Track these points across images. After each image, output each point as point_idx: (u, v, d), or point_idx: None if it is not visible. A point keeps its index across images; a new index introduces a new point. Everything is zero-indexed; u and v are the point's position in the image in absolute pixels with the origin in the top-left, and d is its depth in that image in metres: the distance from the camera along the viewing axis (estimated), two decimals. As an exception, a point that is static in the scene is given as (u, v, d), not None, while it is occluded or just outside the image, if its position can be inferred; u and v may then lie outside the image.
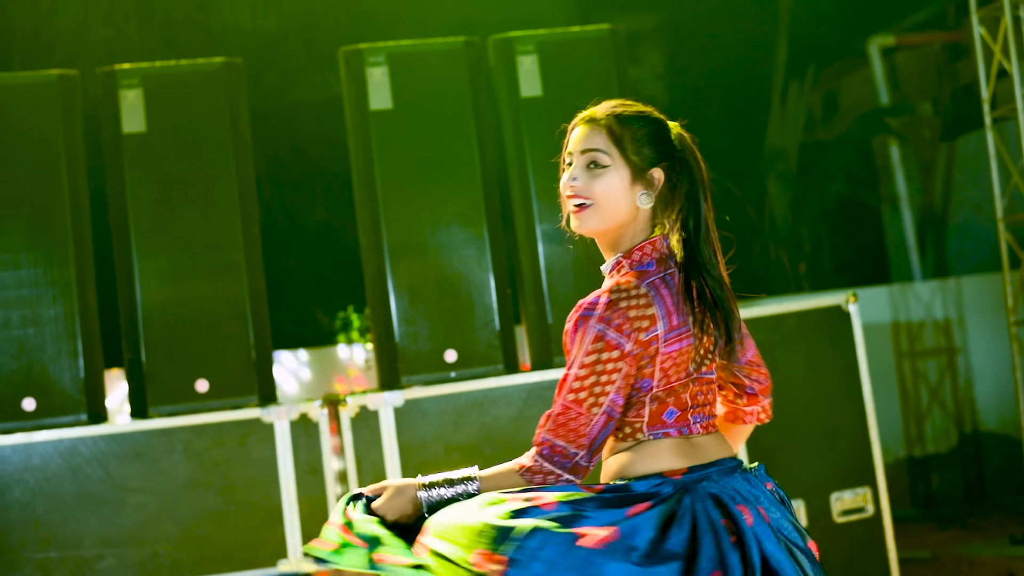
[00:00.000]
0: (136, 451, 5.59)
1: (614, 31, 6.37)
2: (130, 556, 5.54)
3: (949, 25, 11.74)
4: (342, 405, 5.79)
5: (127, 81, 5.90)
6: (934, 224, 11.77)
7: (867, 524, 6.23)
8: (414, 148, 6.06)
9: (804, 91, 11.69)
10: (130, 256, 5.82)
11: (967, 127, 11.39)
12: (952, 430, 9.20)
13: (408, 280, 5.98)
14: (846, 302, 6.33)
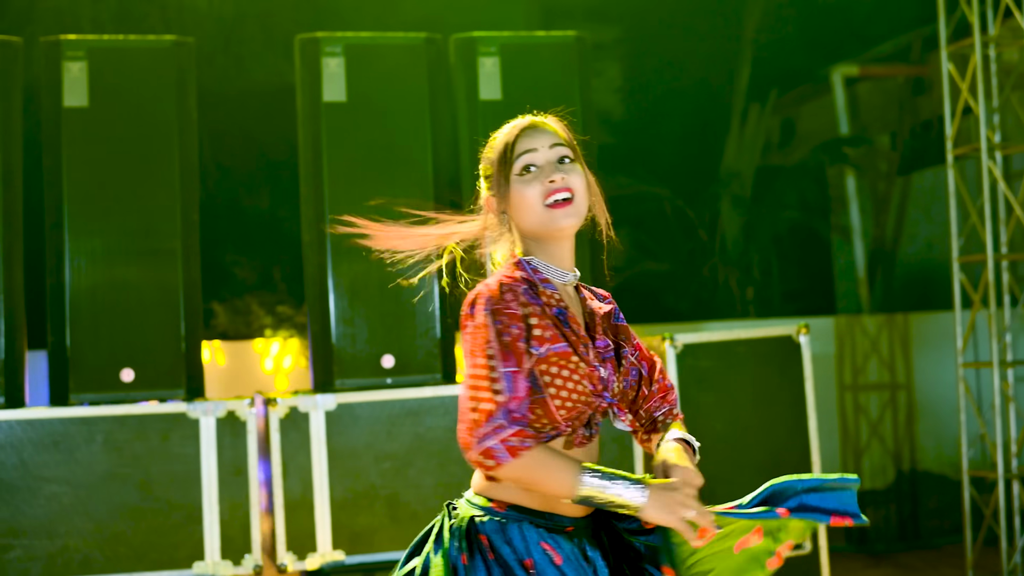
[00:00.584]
0: (54, 439, 5.37)
1: (580, 39, 6.23)
2: (39, 548, 5.32)
3: (914, 60, 11.70)
4: (272, 405, 5.59)
5: (72, 53, 5.69)
6: (884, 258, 11.72)
7: (804, 561, 6.10)
8: (366, 144, 5.89)
9: (764, 115, 11.61)
10: (62, 235, 5.61)
11: (924, 163, 11.34)
12: (890, 467, 9.12)
13: (350, 280, 5.80)
14: (797, 332, 6.21)
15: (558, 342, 2.69)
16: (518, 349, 2.64)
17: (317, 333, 5.85)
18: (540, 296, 2.73)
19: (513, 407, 2.60)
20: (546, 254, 2.81)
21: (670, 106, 12.91)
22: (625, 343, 2.88)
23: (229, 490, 5.53)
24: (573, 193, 2.75)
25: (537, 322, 2.68)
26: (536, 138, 2.81)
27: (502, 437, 2.57)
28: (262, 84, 11.45)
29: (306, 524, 5.57)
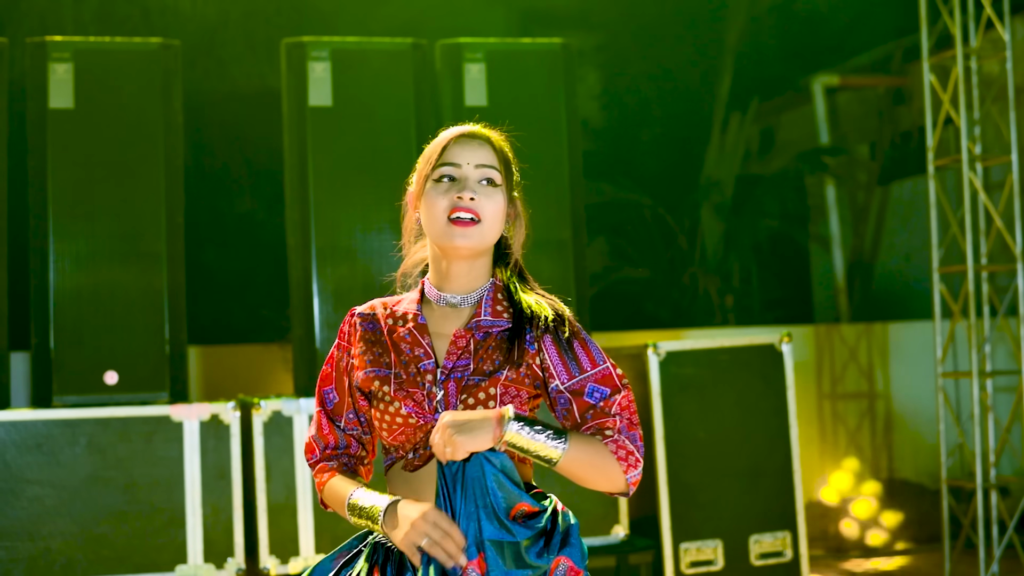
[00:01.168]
0: (37, 441, 5.36)
1: (566, 46, 6.25)
2: (21, 550, 5.31)
3: (894, 70, 11.75)
4: (255, 409, 5.59)
5: (58, 54, 5.68)
6: (862, 268, 11.76)
7: (784, 569, 6.13)
8: (351, 149, 5.90)
9: (745, 124, 11.63)
10: (46, 236, 5.60)
11: (903, 173, 11.39)
12: (867, 476, 9.15)
13: (334, 283, 5.81)
14: (780, 341, 6.23)
15: (365, 367, 2.71)
16: (341, 382, 2.79)
17: (300, 337, 5.86)
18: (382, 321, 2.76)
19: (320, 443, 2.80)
20: (442, 273, 2.75)
21: (650, 114, 12.92)
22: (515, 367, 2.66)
23: (212, 493, 5.53)
24: (480, 217, 2.67)
25: (358, 351, 2.75)
26: (467, 151, 2.72)
27: (314, 473, 2.81)
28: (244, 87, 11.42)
29: (289, 528, 5.57)
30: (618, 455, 2.63)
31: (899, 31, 11.48)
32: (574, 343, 2.71)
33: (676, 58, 12.68)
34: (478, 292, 2.75)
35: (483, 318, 2.71)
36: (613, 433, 2.64)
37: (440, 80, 6.17)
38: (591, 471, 2.62)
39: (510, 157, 2.79)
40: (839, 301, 11.49)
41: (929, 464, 9.02)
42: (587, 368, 2.69)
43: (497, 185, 2.72)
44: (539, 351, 2.70)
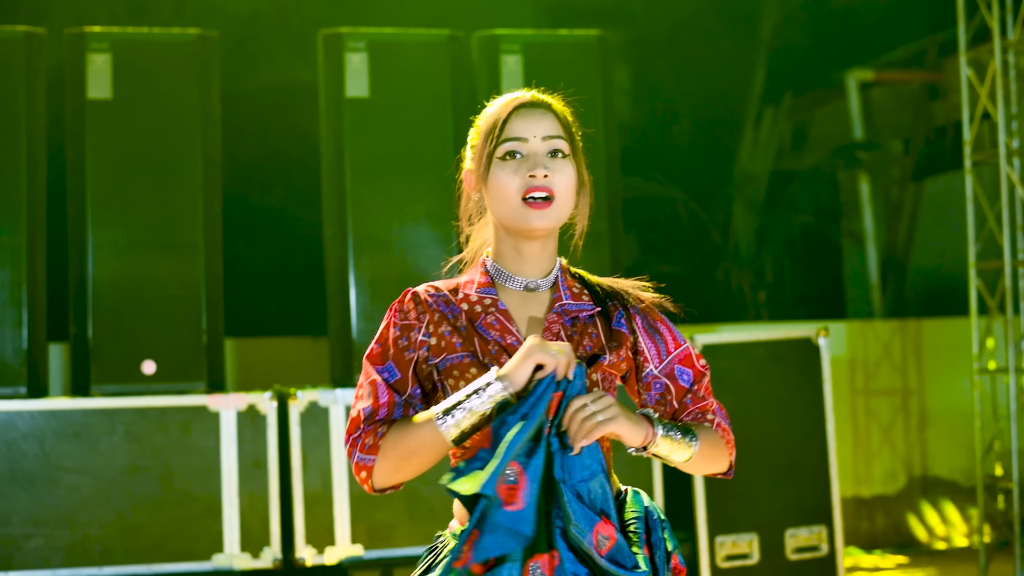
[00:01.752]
0: (75, 430, 5.37)
1: (603, 38, 6.24)
2: (60, 538, 5.33)
3: (929, 65, 11.69)
4: (292, 399, 5.60)
5: (96, 45, 5.70)
6: (896, 264, 11.71)
7: (820, 563, 6.10)
8: (388, 140, 5.89)
9: (779, 118, 11.59)
10: (84, 226, 5.62)
11: (937, 169, 11.34)
12: (900, 472, 9.11)
13: (370, 275, 5.81)
14: (816, 335, 6.21)
15: (456, 352, 2.46)
16: (401, 359, 2.49)
17: (337, 329, 5.86)
18: (457, 304, 2.51)
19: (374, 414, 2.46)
20: (513, 256, 2.54)
21: (682, 109, 12.89)
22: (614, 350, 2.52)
23: (249, 483, 5.53)
24: (554, 194, 2.47)
25: (437, 331, 2.48)
26: (530, 123, 2.51)
27: (360, 444, 2.44)
28: (276, 80, 11.44)
29: (325, 518, 5.57)
30: (725, 438, 2.55)
31: (933, 26, 11.43)
32: (657, 323, 2.59)
33: (708, 53, 12.65)
34: (553, 274, 2.56)
35: (566, 302, 2.53)
36: (715, 417, 2.55)
37: (476, 71, 6.16)
38: (709, 462, 2.53)
39: (571, 121, 2.58)
40: (872, 297, 11.45)
41: (963, 462, 8.97)
42: (672, 349, 2.57)
43: (566, 155, 2.52)
44: (631, 333, 2.56)
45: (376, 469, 2.43)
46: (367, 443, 2.43)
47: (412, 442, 2.39)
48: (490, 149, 2.51)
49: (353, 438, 2.45)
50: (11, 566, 5.29)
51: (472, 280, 2.56)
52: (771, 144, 11.54)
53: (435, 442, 2.37)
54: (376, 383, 2.48)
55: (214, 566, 5.47)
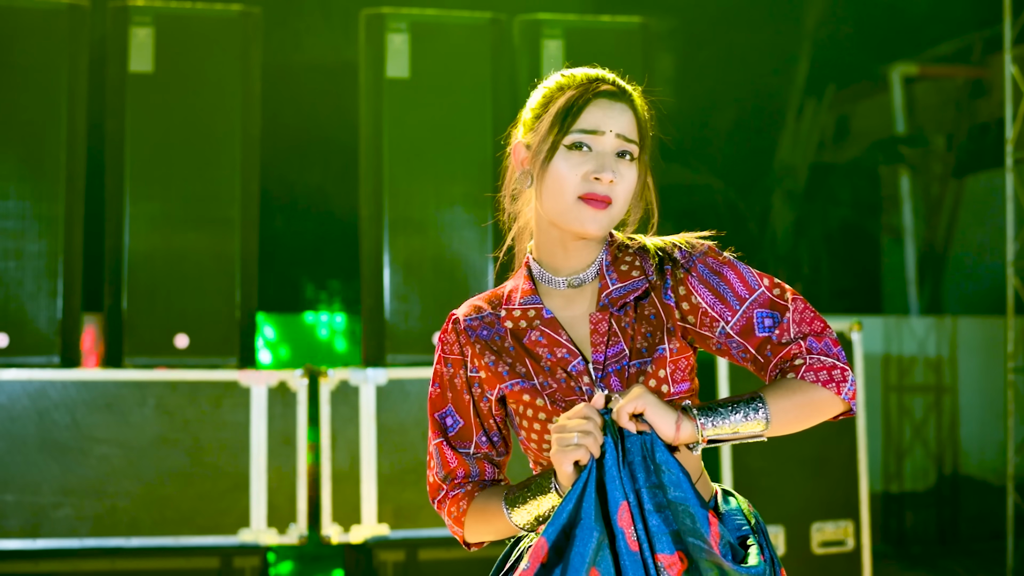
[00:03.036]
0: (107, 401, 5.41)
1: (644, 25, 6.21)
2: (88, 508, 5.36)
3: (974, 61, 11.61)
4: (323, 377, 5.62)
5: (139, 18, 5.72)
6: (934, 260, 11.65)
7: (846, 558, 6.08)
8: (427, 121, 5.89)
9: (821, 110, 11.54)
10: (122, 199, 5.65)
11: (979, 166, 11.26)
12: (932, 470, 9.07)
13: (405, 256, 5.82)
14: (850, 329, 6.18)
15: (504, 380, 2.34)
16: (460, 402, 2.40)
17: (370, 308, 5.87)
18: (502, 323, 2.38)
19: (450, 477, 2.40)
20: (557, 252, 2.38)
21: (724, 98, 12.85)
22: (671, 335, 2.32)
23: (277, 459, 5.56)
24: (612, 201, 2.28)
25: (482, 363, 2.37)
26: (609, 116, 2.29)
27: (447, 511, 2.41)
28: (319, 59, 11.47)
29: (352, 497, 5.59)
30: (820, 379, 2.23)
31: (980, 22, 11.34)
32: (723, 270, 2.34)
33: (752, 43, 12.59)
34: (596, 263, 2.37)
35: (612, 289, 2.35)
36: (802, 360, 2.25)
37: (517, 55, 6.15)
38: (805, 415, 2.25)
39: (648, 124, 2.38)
40: (909, 293, 11.39)
41: (995, 460, 8.93)
42: (745, 296, 2.31)
43: (634, 159, 2.32)
44: (688, 295, 2.33)
45: (468, 537, 2.42)
46: (452, 512, 2.40)
47: (492, 525, 2.34)
48: (557, 136, 2.31)
49: (438, 502, 2.42)
50: (39, 534, 5.34)
51: (517, 287, 2.42)
52: (812, 136, 11.49)
53: (510, 528, 2.32)
54: (441, 447, 2.41)
55: (240, 541, 5.49)
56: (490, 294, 2.45)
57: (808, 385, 2.23)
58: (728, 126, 12.71)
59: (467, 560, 5.25)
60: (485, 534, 2.38)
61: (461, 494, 2.38)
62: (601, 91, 2.32)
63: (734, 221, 11.68)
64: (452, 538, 5.58)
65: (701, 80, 13.05)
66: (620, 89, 2.35)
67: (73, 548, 5.37)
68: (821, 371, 2.24)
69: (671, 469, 2.11)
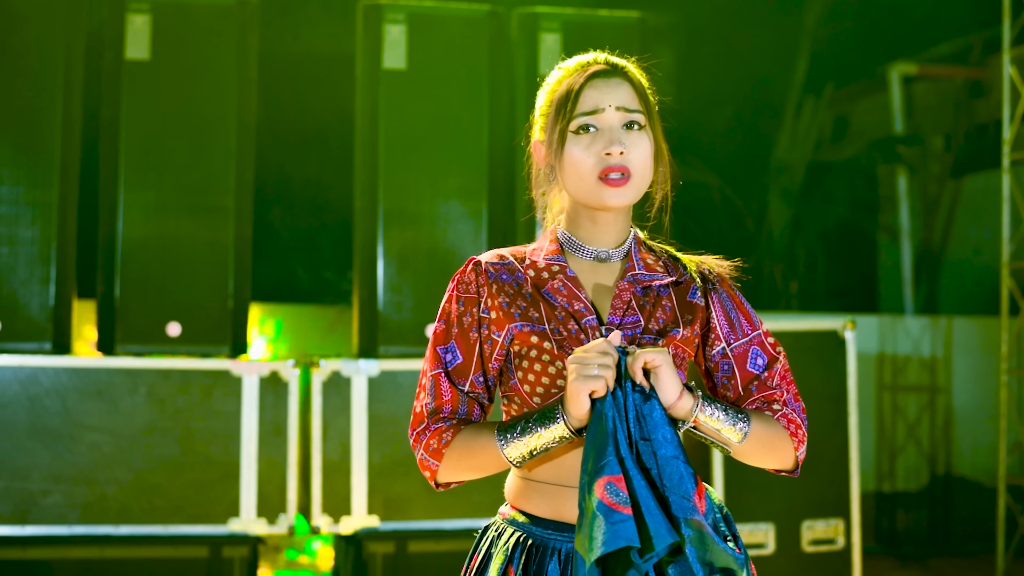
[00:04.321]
0: (98, 388, 5.40)
1: (643, 20, 6.20)
2: (78, 495, 5.36)
3: (973, 62, 11.61)
4: (315, 368, 5.61)
5: (136, 5, 5.71)
6: (930, 260, 11.65)
7: (836, 557, 6.08)
8: (423, 113, 5.88)
9: (819, 109, 11.54)
10: (116, 186, 5.63)
11: (977, 166, 11.26)
12: (924, 469, 9.08)
13: (399, 247, 5.81)
14: (843, 328, 6.17)
15: (515, 321, 2.38)
16: (464, 340, 2.44)
17: (364, 299, 5.86)
18: (523, 271, 2.44)
19: (437, 412, 2.43)
20: (587, 225, 2.45)
21: (723, 94, 12.85)
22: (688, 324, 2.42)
23: (268, 449, 5.55)
24: (630, 172, 2.36)
25: (496, 303, 2.41)
26: (605, 93, 2.39)
27: (424, 444, 2.41)
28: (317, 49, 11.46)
29: (342, 488, 5.59)
30: (790, 430, 2.42)
31: (980, 23, 11.34)
32: (737, 300, 2.50)
33: (751, 40, 12.59)
34: (627, 244, 2.47)
35: (638, 272, 2.44)
36: (781, 407, 2.42)
37: (515, 48, 6.14)
38: (766, 452, 2.41)
39: (647, 86, 2.47)
40: (905, 293, 11.39)
41: (987, 461, 8.94)
42: (747, 331, 2.46)
43: (642, 127, 2.41)
44: (707, 308, 2.47)
45: (440, 472, 2.42)
46: (431, 445, 2.41)
47: (475, 459, 2.38)
48: (563, 124, 2.41)
49: (417, 433, 2.43)
50: (28, 520, 5.33)
51: (541, 248, 2.49)
52: (810, 134, 11.49)
53: (498, 462, 2.36)
54: (438, 378, 2.44)
55: (230, 530, 5.49)
56: (513, 249, 2.51)
57: (781, 430, 2.41)
58: (726, 123, 12.72)
59: (456, 553, 5.25)
60: (462, 471, 2.41)
61: (445, 427, 2.40)
62: (593, 72, 2.41)
63: (731, 218, 11.69)
64: (442, 530, 5.59)
65: (700, 76, 13.05)
66: (612, 66, 2.44)
67: (62, 535, 5.36)
68: (792, 424, 2.42)
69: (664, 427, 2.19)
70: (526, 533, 2.38)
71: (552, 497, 2.37)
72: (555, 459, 2.36)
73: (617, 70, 2.44)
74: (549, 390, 2.37)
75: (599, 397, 2.18)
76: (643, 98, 2.43)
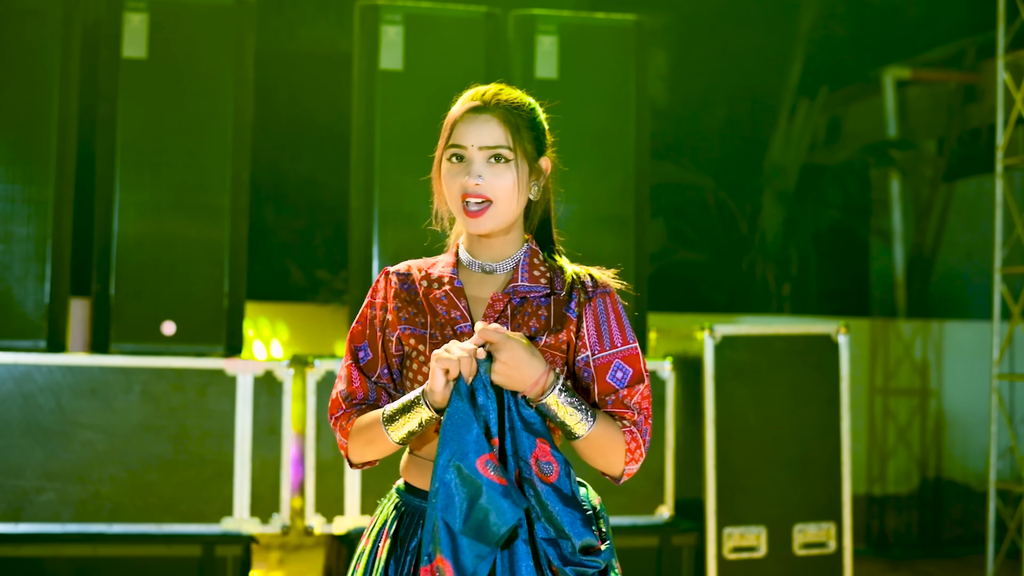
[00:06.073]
0: (92, 386, 5.40)
1: (639, 23, 6.21)
2: (71, 493, 5.36)
3: (967, 67, 11.61)
4: (309, 367, 5.62)
5: (133, 4, 5.71)
6: (922, 264, 11.66)
7: (827, 560, 6.10)
8: (419, 113, 5.88)
9: (813, 112, 11.54)
10: (112, 184, 5.64)
11: (969, 171, 11.27)
12: (915, 473, 9.09)
13: (395, 248, 5.82)
14: (836, 332, 6.19)
15: (401, 324, 2.65)
16: (373, 338, 2.71)
17: (358, 299, 5.86)
18: (417, 282, 2.69)
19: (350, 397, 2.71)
20: (474, 240, 2.69)
21: (716, 96, 12.84)
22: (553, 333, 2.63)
23: (262, 449, 5.56)
24: (491, 201, 2.59)
25: (397, 307, 2.67)
26: (472, 131, 2.62)
27: (338, 426, 2.71)
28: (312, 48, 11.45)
29: (335, 488, 5.60)
30: (628, 447, 2.61)
31: (974, 27, 11.35)
32: (611, 316, 2.67)
33: (746, 42, 12.60)
34: (513, 258, 2.69)
35: (520, 283, 2.66)
36: (630, 425, 2.62)
37: (512, 50, 6.14)
38: (599, 453, 2.60)
39: (525, 123, 2.66)
40: (897, 296, 11.41)
41: (978, 465, 8.95)
42: (617, 344, 2.65)
43: (508, 160, 2.61)
44: (579, 319, 2.65)
45: (350, 450, 2.70)
46: (342, 425, 2.70)
47: (369, 435, 2.63)
48: (440, 151, 2.69)
49: (335, 418, 2.72)
50: (21, 518, 5.33)
51: (445, 260, 2.74)
52: (804, 137, 11.49)
53: (386, 443, 2.60)
54: (351, 368, 2.73)
55: (223, 529, 5.50)
56: (421, 261, 2.78)
57: (621, 441, 2.60)
58: (720, 125, 12.71)
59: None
60: (367, 452, 2.67)
61: (355, 411, 2.69)
62: (468, 108, 2.65)
63: (724, 220, 11.69)
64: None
65: (694, 78, 13.05)
66: (484, 103, 2.65)
67: (55, 533, 5.37)
68: (632, 443, 2.62)
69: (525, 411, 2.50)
70: (403, 501, 2.66)
71: (426, 469, 2.62)
72: (427, 438, 2.63)
73: (488, 107, 2.64)
74: None
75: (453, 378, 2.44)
76: (514, 134, 2.62)
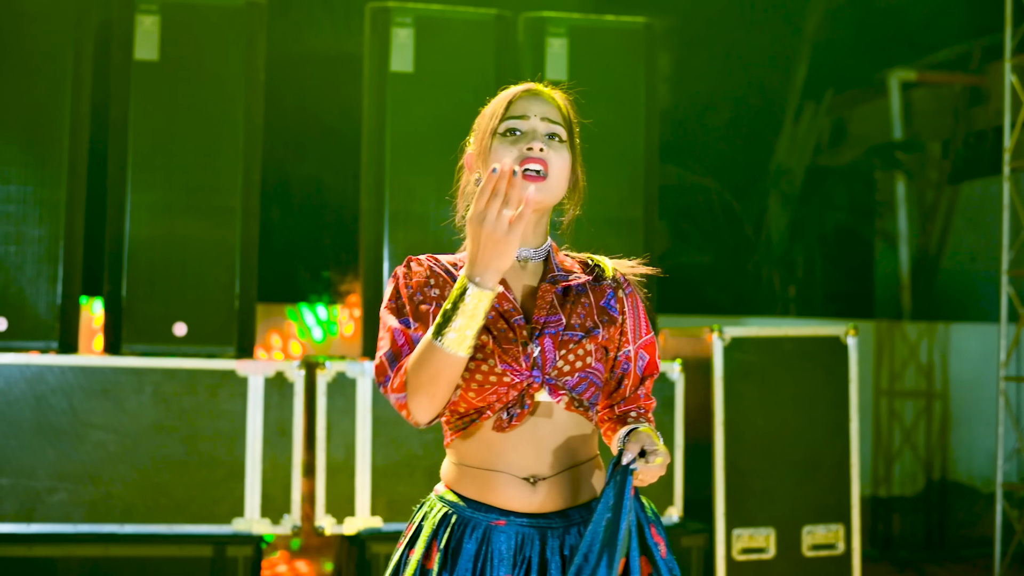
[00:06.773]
0: (104, 387, 5.42)
1: (649, 26, 6.24)
2: (83, 493, 5.38)
3: (972, 69, 11.61)
4: (320, 369, 5.63)
5: (145, 6, 5.73)
6: (927, 266, 11.67)
7: (836, 562, 6.11)
8: (429, 116, 5.90)
9: (818, 114, 11.56)
10: (124, 186, 5.66)
11: (975, 173, 11.27)
12: (920, 475, 9.10)
13: (405, 249, 5.83)
14: (845, 334, 6.20)
15: None
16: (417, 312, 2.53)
17: (370, 300, 5.89)
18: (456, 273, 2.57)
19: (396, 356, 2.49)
20: None
21: (722, 99, 12.85)
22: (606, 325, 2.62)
23: (273, 450, 5.57)
24: (548, 169, 2.56)
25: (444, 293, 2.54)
26: (533, 105, 2.62)
27: (391, 386, 2.47)
28: (320, 50, 11.45)
29: (346, 489, 5.61)
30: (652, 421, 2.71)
31: (979, 29, 11.36)
32: (640, 308, 2.72)
33: (751, 44, 12.61)
34: (544, 249, 2.65)
35: (557, 273, 2.62)
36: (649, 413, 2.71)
37: (521, 53, 6.16)
38: None
39: (574, 121, 2.69)
40: (902, 298, 11.42)
41: (984, 467, 8.96)
42: (643, 333, 2.70)
43: (563, 141, 2.62)
44: (621, 314, 2.66)
45: (411, 404, 2.46)
46: (395, 383, 2.46)
47: (429, 370, 2.41)
48: (493, 125, 2.62)
49: (383, 382, 2.50)
50: (33, 518, 5.35)
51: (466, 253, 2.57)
52: (809, 139, 11.51)
53: (449, 362, 2.39)
54: (393, 329, 2.52)
55: (234, 530, 5.51)
56: (443, 255, 2.68)
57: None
58: (725, 127, 12.72)
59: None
60: (425, 389, 2.43)
61: (402, 362, 2.48)
62: (526, 90, 2.67)
63: (729, 222, 11.70)
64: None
65: (699, 80, 13.06)
66: (542, 90, 2.68)
67: (67, 533, 5.38)
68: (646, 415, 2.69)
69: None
70: (453, 510, 2.55)
71: (478, 480, 2.55)
72: (484, 446, 2.54)
73: (546, 92, 2.67)
74: (484, 386, 2.51)
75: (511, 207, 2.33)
76: (567, 122, 2.66)
